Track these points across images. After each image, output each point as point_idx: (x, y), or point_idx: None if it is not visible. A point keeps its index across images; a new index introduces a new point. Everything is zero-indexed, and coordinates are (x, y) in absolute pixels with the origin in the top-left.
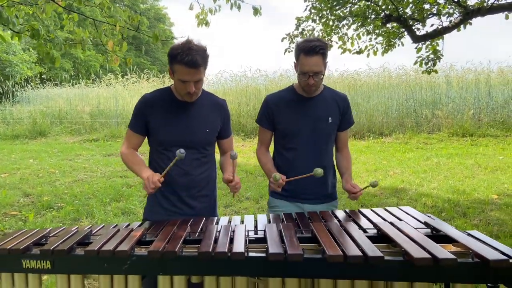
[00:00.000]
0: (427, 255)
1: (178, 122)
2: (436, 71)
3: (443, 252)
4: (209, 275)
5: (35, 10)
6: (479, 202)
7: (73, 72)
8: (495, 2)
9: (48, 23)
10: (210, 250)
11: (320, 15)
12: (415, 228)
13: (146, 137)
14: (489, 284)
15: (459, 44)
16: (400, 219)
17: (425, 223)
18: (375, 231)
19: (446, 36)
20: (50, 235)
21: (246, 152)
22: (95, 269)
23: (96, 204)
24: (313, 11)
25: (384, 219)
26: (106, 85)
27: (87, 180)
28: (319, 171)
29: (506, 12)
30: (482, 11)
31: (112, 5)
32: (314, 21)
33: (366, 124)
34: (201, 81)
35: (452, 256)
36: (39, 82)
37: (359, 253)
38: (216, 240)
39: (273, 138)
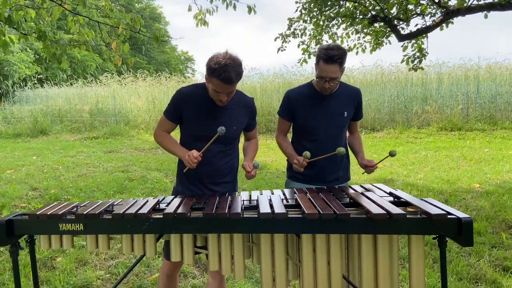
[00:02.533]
0: (383, 212)
1: (209, 118)
2: (422, 68)
3: (396, 209)
4: (212, 232)
5: (43, 12)
6: (462, 190)
7: (70, 71)
8: (474, 2)
9: (47, 24)
10: (213, 211)
11: (310, 15)
12: (381, 197)
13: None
14: (435, 237)
15: (456, 40)
16: (370, 191)
17: (390, 193)
18: (347, 199)
19: (444, 33)
20: (80, 206)
21: None
22: (119, 229)
23: (101, 196)
24: (303, 12)
25: (356, 191)
26: (104, 84)
27: (90, 174)
28: (341, 150)
29: (485, 12)
30: (461, 11)
31: (114, 8)
32: (305, 21)
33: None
34: (233, 92)
35: (402, 212)
36: (36, 82)
37: (330, 211)
38: (217, 206)
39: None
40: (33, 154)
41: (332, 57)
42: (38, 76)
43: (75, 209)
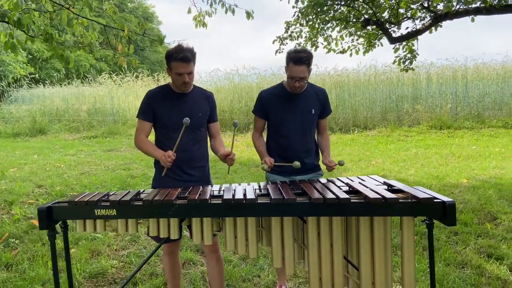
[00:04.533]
0: (378, 196)
1: (177, 109)
2: (412, 69)
3: (390, 195)
4: (228, 216)
5: (52, 16)
6: (450, 185)
7: (64, 71)
8: (461, 7)
9: (55, 25)
10: (231, 197)
11: (307, 19)
12: (376, 185)
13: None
14: (425, 220)
15: (444, 40)
16: (365, 180)
17: (384, 183)
18: (347, 188)
19: (432, 34)
20: (110, 194)
21: (239, 146)
22: (147, 214)
23: None
24: (300, 16)
25: (353, 181)
26: (100, 84)
27: (92, 172)
28: (297, 163)
29: (472, 16)
30: (449, 15)
31: (117, 10)
32: (301, 24)
33: (351, 119)
34: (192, 73)
35: (395, 196)
36: (30, 81)
37: (334, 196)
38: (234, 194)
39: (266, 126)
40: (34, 153)
41: (301, 59)
42: (31, 76)
43: (106, 197)
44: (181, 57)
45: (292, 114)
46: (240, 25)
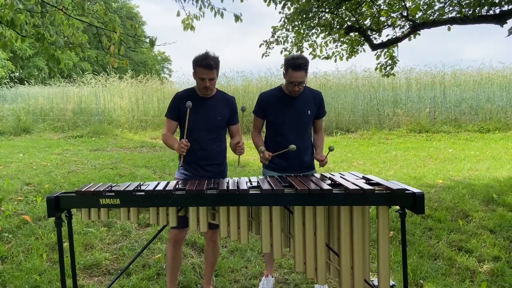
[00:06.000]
0: (357, 187)
1: (200, 111)
2: (393, 75)
3: (367, 186)
4: (222, 205)
5: (44, 17)
6: (426, 185)
7: (47, 70)
8: (438, 17)
9: (46, 27)
10: (225, 187)
11: (292, 25)
12: (356, 179)
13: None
14: (399, 211)
15: (422, 47)
16: (346, 175)
17: (363, 177)
18: (329, 181)
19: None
20: (113, 186)
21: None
22: (148, 203)
23: None
24: (286, 21)
25: (335, 175)
26: (84, 84)
27: (80, 171)
28: (292, 146)
29: (448, 25)
30: (426, 24)
31: (108, 12)
32: (287, 30)
33: (334, 122)
34: (214, 80)
35: (371, 188)
36: (10, 81)
37: (317, 187)
38: (227, 186)
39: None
40: (19, 152)
41: (299, 65)
42: (12, 75)
43: (109, 187)
44: (205, 64)
45: (290, 115)
46: (224, 26)
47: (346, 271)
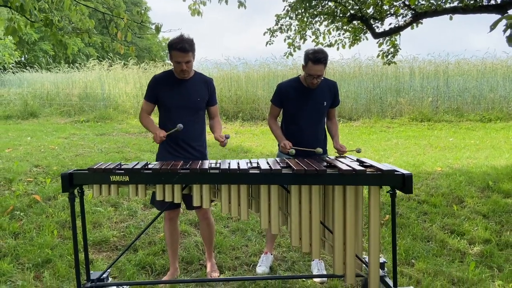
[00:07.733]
0: (349, 168)
1: (178, 92)
2: (395, 63)
3: (360, 168)
4: (224, 184)
5: (53, 2)
6: (425, 172)
7: (52, 53)
8: (437, 6)
9: (56, 13)
10: (227, 167)
11: (296, 13)
12: (351, 161)
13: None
14: (389, 191)
15: (426, 36)
16: (341, 159)
17: (357, 160)
18: (325, 163)
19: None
20: (122, 164)
21: (228, 132)
22: (155, 180)
23: None
24: (290, 9)
25: (331, 158)
26: (89, 69)
27: (87, 154)
28: (319, 150)
29: (450, 14)
30: (428, 13)
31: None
32: (291, 18)
33: (337, 110)
34: (191, 62)
35: (363, 169)
36: (15, 66)
37: (313, 168)
38: (229, 166)
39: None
40: (27, 135)
41: (319, 59)
42: (16, 60)
43: (119, 165)
44: (180, 47)
45: (307, 106)
46: (227, 14)
47: (339, 247)
